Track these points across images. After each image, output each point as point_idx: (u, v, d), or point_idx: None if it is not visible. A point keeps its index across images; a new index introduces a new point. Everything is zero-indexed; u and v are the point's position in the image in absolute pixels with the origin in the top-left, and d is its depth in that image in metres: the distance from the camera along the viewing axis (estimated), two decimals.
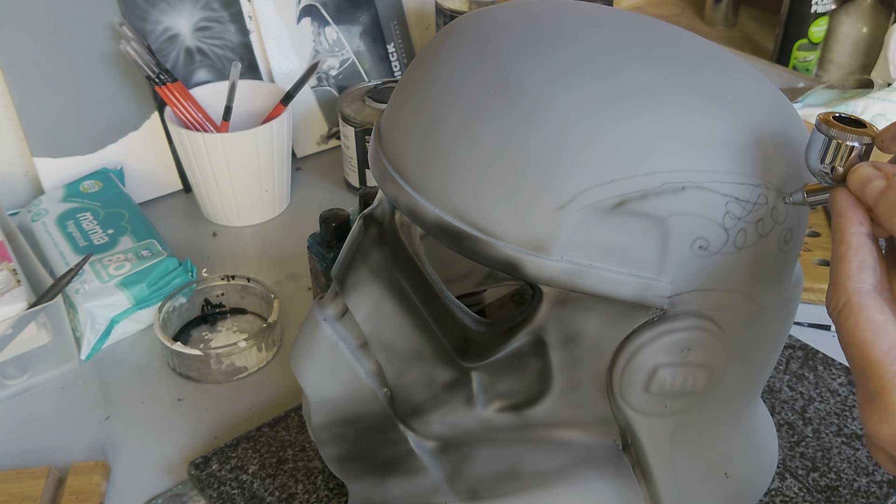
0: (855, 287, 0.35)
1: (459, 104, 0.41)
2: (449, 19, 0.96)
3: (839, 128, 0.36)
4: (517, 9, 0.45)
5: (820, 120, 0.37)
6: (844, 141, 0.36)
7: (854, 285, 0.35)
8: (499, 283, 0.66)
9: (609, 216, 0.39)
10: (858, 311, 0.34)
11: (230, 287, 0.74)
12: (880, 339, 0.34)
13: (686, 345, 0.42)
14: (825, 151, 0.37)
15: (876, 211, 0.36)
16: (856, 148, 0.36)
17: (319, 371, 0.50)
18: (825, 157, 0.37)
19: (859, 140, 0.36)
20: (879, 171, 0.36)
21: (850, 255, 0.35)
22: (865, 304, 0.34)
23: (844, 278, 0.35)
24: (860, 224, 0.36)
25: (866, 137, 0.36)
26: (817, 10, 1.07)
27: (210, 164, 0.81)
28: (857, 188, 0.36)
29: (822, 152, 0.37)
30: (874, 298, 0.35)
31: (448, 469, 0.49)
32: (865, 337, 0.34)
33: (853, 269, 0.35)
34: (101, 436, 0.64)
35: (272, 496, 0.57)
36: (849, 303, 0.35)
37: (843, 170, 0.37)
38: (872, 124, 0.37)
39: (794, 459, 0.59)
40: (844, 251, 0.36)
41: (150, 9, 0.86)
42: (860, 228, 0.36)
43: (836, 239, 0.36)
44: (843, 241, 0.36)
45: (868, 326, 0.34)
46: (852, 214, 0.36)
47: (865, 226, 0.36)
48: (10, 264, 0.69)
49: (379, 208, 0.49)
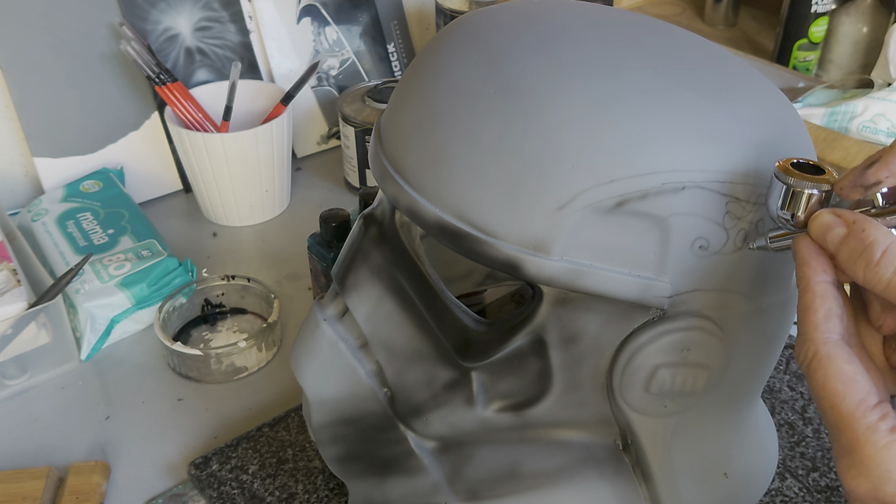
0: (823, 338, 0.35)
1: (459, 104, 0.41)
2: (449, 19, 0.96)
3: (797, 176, 0.36)
4: (517, 9, 0.45)
5: (778, 168, 0.37)
6: (803, 189, 0.36)
7: (822, 336, 0.35)
8: (499, 283, 0.66)
9: (609, 216, 0.39)
10: (828, 362, 0.34)
11: (230, 287, 0.74)
12: (851, 390, 0.33)
13: (686, 345, 0.42)
14: (785, 199, 0.37)
15: (838, 258, 0.36)
16: (815, 195, 0.36)
17: (319, 371, 0.50)
18: (785, 205, 0.37)
19: (818, 187, 0.36)
20: (839, 217, 0.36)
21: (815, 305, 0.35)
22: (834, 355, 0.34)
23: (812, 329, 0.35)
24: (824, 272, 0.36)
25: (825, 185, 0.36)
26: (817, 9, 1.07)
27: (210, 164, 0.81)
28: (819, 236, 0.36)
29: (783, 200, 0.37)
30: (843, 349, 0.34)
31: (448, 469, 0.49)
32: (836, 389, 0.33)
33: (820, 318, 0.35)
34: (101, 436, 0.64)
35: (272, 496, 0.57)
36: (818, 354, 0.34)
37: (803, 217, 0.37)
38: (832, 170, 0.37)
39: (794, 459, 0.59)
40: (810, 301, 0.35)
41: (150, 9, 0.86)
42: (824, 277, 0.36)
43: (801, 288, 0.36)
44: (808, 289, 0.36)
45: (838, 378, 0.34)
46: (815, 263, 0.36)
47: (829, 273, 0.36)
48: (10, 264, 0.69)
49: (379, 208, 0.49)
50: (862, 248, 0.34)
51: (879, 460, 0.32)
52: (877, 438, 0.32)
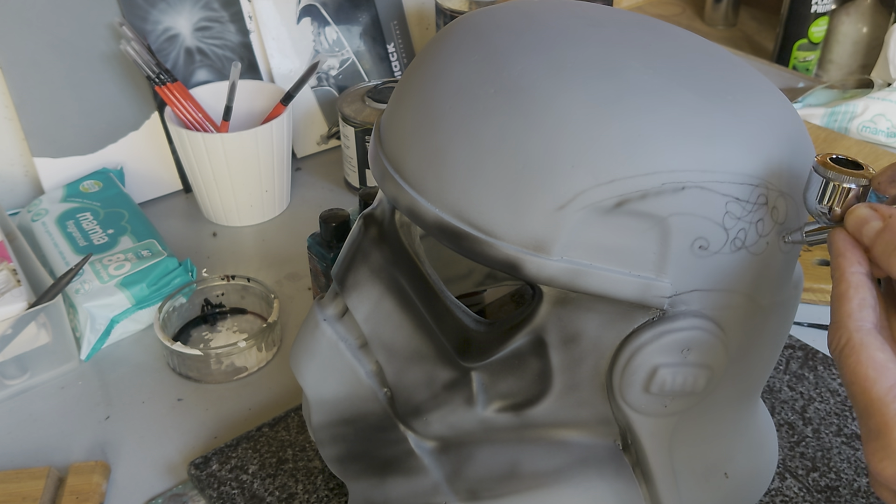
0: (856, 325, 0.35)
1: (459, 104, 0.41)
2: (449, 19, 0.96)
3: (836, 170, 0.37)
4: (517, 9, 0.45)
5: (818, 162, 0.38)
6: (841, 183, 0.37)
7: (855, 323, 0.35)
8: (499, 283, 0.66)
9: (609, 216, 0.39)
10: (860, 349, 0.34)
11: (230, 287, 0.74)
12: (882, 377, 0.34)
13: (686, 345, 0.42)
14: (823, 193, 0.37)
15: (873, 251, 0.36)
16: (853, 189, 0.37)
17: (319, 371, 0.50)
18: (823, 198, 0.38)
19: (856, 182, 0.37)
20: (876, 212, 0.36)
21: (849, 294, 0.36)
22: (867, 343, 0.35)
23: (846, 316, 0.36)
24: (858, 264, 0.36)
25: (863, 179, 0.37)
26: (817, 10, 1.07)
27: (210, 164, 0.81)
28: (855, 229, 0.37)
29: (820, 193, 0.38)
30: (875, 337, 0.35)
31: (448, 469, 0.49)
32: (867, 375, 0.34)
33: (854, 307, 0.36)
34: (101, 436, 0.64)
35: (272, 496, 0.57)
36: (850, 341, 0.35)
37: (840, 211, 0.37)
38: (869, 166, 0.38)
39: (794, 459, 0.59)
40: (844, 290, 0.36)
41: (150, 9, 0.86)
42: (858, 268, 0.36)
43: (835, 278, 0.37)
44: (843, 279, 0.36)
45: (870, 364, 0.34)
46: (850, 254, 0.37)
47: (864, 265, 0.36)
48: (10, 264, 0.69)
49: (379, 208, 0.49)
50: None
51: None
52: None
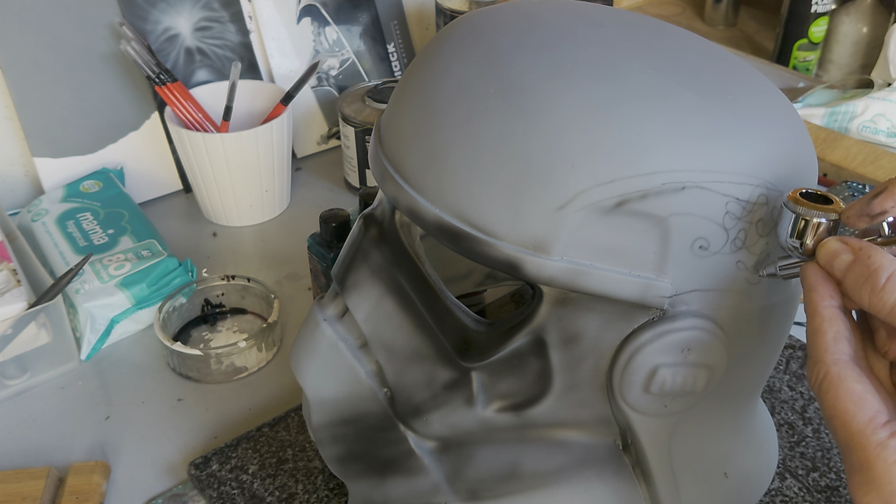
0: (833, 359, 0.35)
1: (459, 104, 0.41)
2: (449, 19, 0.96)
3: (806, 205, 0.38)
4: (517, 9, 0.45)
5: (788, 198, 0.38)
6: (811, 217, 0.38)
7: (832, 357, 0.36)
8: (499, 283, 0.66)
9: (609, 216, 0.39)
10: (838, 382, 0.35)
11: (230, 287, 0.74)
12: (861, 409, 0.34)
13: (686, 345, 0.42)
14: (794, 227, 0.38)
15: (845, 284, 0.37)
16: (823, 224, 0.38)
17: (319, 371, 0.50)
18: (794, 233, 0.38)
19: (826, 216, 0.38)
20: (846, 245, 0.37)
21: (824, 328, 0.36)
22: (844, 375, 0.35)
23: (822, 351, 0.36)
24: (830, 297, 0.37)
25: (833, 213, 0.38)
26: (817, 10, 1.07)
27: (210, 164, 0.81)
28: (826, 262, 0.37)
29: (791, 228, 0.38)
30: (852, 369, 0.35)
31: (448, 469, 0.49)
32: (846, 408, 0.34)
33: (829, 340, 0.36)
34: (101, 436, 0.64)
35: (272, 496, 0.57)
36: (828, 375, 0.35)
37: (811, 245, 0.38)
38: (839, 200, 0.39)
39: (794, 459, 0.59)
40: (818, 324, 0.36)
41: (150, 9, 0.86)
42: (831, 301, 0.37)
43: (808, 312, 0.37)
44: (817, 314, 0.37)
45: (848, 398, 0.34)
46: (822, 288, 0.37)
47: (836, 298, 0.37)
48: (10, 264, 0.69)
49: (379, 208, 0.49)
50: (867, 273, 0.35)
51: (890, 477, 0.33)
52: (887, 455, 0.33)
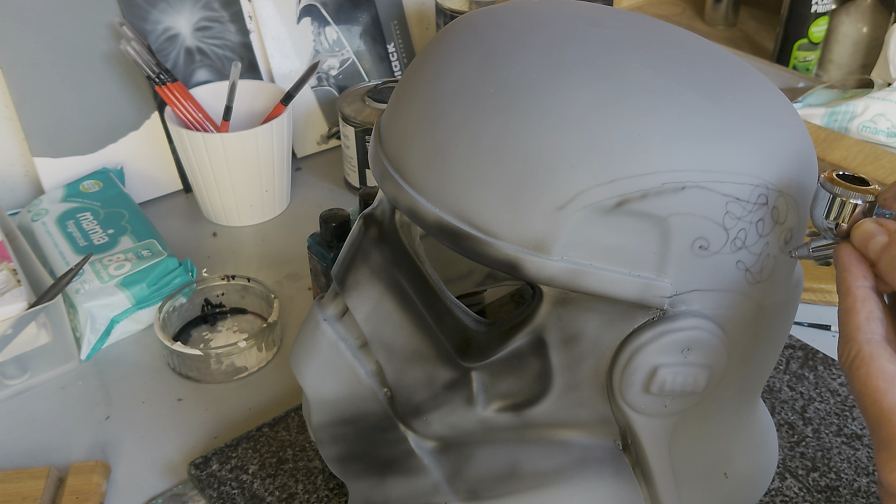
0: (866, 338, 0.36)
1: (459, 104, 0.41)
2: (449, 19, 0.96)
3: (843, 186, 0.38)
4: (517, 9, 0.45)
5: (825, 178, 0.38)
6: (848, 199, 0.38)
7: (865, 336, 0.36)
8: (499, 283, 0.66)
9: (609, 216, 0.39)
10: (870, 360, 0.35)
11: (230, 287, 0.74)
12: (893, 387, 0.34)
13: (686, 345, 0.42)
14: (829, 208, 0.38)
15: (879, 266, 0.37)
16: (859, 205, 0.38)
17: (319, 371, 0.50)
18: (830, 214, 0.38)
19: (862, 198, 0.38)
20: (882, 227, 0.37)
21: (857, 307, 0.36)
22: (877, 354, 0.35)
23: (854, 329, 0.36)
24: (864, 278, 0.37)
25: (869, 195, 0.38)
26: (817, 9, 1.07)
27: (210, 164, 0.81)
28: (861, 243, 0.37)
29: (827, 209, 0.38)
30: (885, 349, 0.35)
31: (448, 469, 0.49)
32: (878, 386, 0.34)
33: (862, 320, 0.36)
34: (101, 436, 0.64)
35: (272, 496, 0.57)
36: (860, 353, 0.35)
37: (846, 226, 0.38)
38: (875, 182, 0.39)
39: (794, 459, 0.59)
40: (851, 303, 0.37)
41: (150, 9, 0.86)
42: (864, 282, 0.37)
43: (841, 292, 0.37)
44: (849, 293, 0.37)
45: (880, 376, 0.35)
46: (856, 269, 0.37)
47: (869, 280, 0.37)
48: (10, 264, 0.69)
49: (379, 208, 0.49)
50: None
51: None
52: None
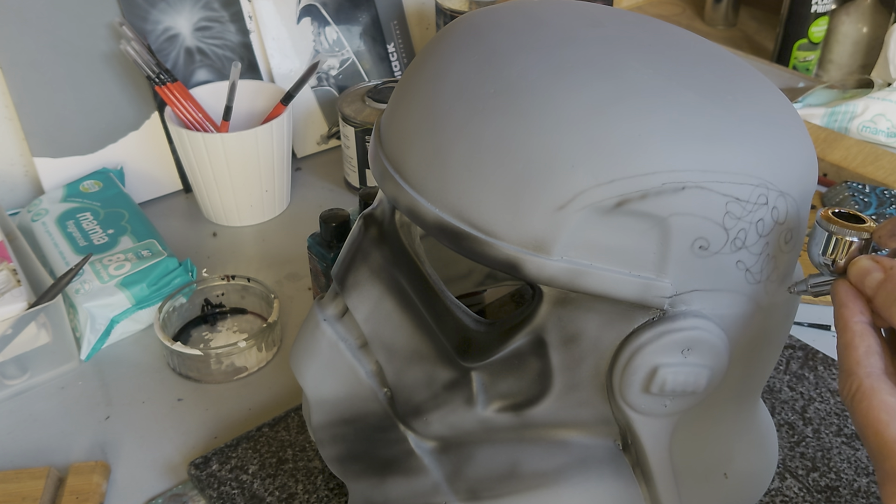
0: (866, 371, 0.36)
1: (459, 104, 0.41)
2: (449, 19, 0.96)
3: (839, 224, 0.39)
4: (517, 9, 0.45)
5: (821, 216, 0.39)
6: (844, 236, 0.39)
7: (865, 370, 0.36)
8: (499, 283, 0.66)
9: (609, 216, 0.39)
10: (871, 394, 0.36)
11: (230, 287, 0.74)
12: (894, 419, 0.35)
13: (686, 345, 0.42)
14: (826, 246, 0.39)
15: (875, 302, 0.37)
16: (855, 242, 0.39)
17: (319, 371, 0.50)
18: (826, 251, 0.39)
19: (858, 235, 0.39)
20: (878, 263, 0.38)
21: (856, 342, 0.37)
22: (878, 388, 0.36)
23: (854, 364, 0.37)
24: (861, 313, 0.38)
25: (865, 233, 0.39)
26: (817, 10, 1.07)
27: (210, 164, 0.81)
28: (857, 280, 0.38)
29: (823, 246, 0.39)
30: (885, 382, 0.36)
31: (448, 469, 0.49)
32: (880, 418, 0.35)
33: (861, 354, 0.37)
34: (101, 436, 0.64)
35: (272, 496, 0.57)
36: (861, 387, 0.36)
37: (843, 263, 0.39)
38: (871, 219, 0.39)
39: (794, 459, 0.59)
40: (850, 339, 0.37)
41: (150, 9, 0.86)
42: (861, 318, 0.38)
43: (839, 328, 0.38)
44: (847, 329, 0.38)
45: (882, 408, 0.35)
46: (853, 304, 0.38)
47: (866, 315, 0.38)
48: (10, 264, 0.69)
49: (379, 208, 0.49)
50: None
51: None
52: None
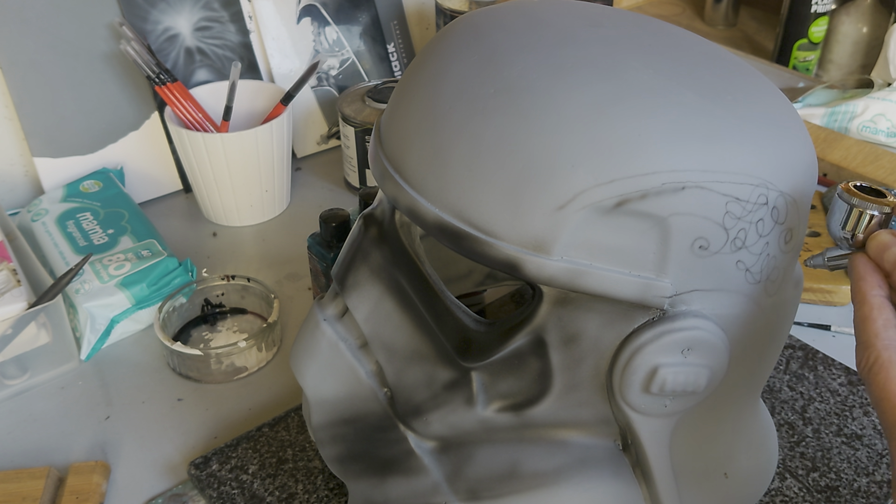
0: (884, 344, 0.36)
1: (459, 104, 0.41)
2: (449, 19, 0.96)
3: (860, 197, 0.38)
4: (517, 9, 0.45)
5: (842, 189, 0.39)
6: (865, 209, 0.38)
7: (883, 342, 0.36)
8: (499, 283, 0.66)
9: (609, 216, 0.39)
10: (889, 366, 0.35)
11: (230, 287, 0.74)
12: None
13: (686, 345, 0.42)
14: (846, 219, 0.39)
15: (893, 277, 0.37)
16: (875, 216, 0.38)
17: (319, 371, 0.50)
18: (846, 224, 0.39)
19: (879, 209, 0.38)
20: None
21: (874, 315, 0.37)
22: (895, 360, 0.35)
23: (872, 336, 0.36)
24: (879, 287, 0.37)
25: (886, 207, 0.38)
26: (817, 10, 1.07)
27: (210, 164, 0.81)
28: (876, 254, 0.38)
29: (844, 219, 0.39)
30: None
31: (448, 469, 0.49)
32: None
33: (879, 327, 0.36)
34: (101, 436, 0.64)
35: (272, 496, 0.57)
36: (879, 359, 0.36)
37: (862, 236, 0.39)
38: (892, 193, 0.39)
39: (794, 459, 0.59)
40: (868, 312, 0.37)
41: (150, 9, 0.86)
42: (879, 291, 0.37)
43: (857, 301, 0.38)
44: (865, 302, 0.37)
45: None
46: (871, 278, 0.38)
47: (884, 289, 0.37)
48: (10, 264, 0.69)
49: (379, 208, 0.49)
50: None
51: None
52: None
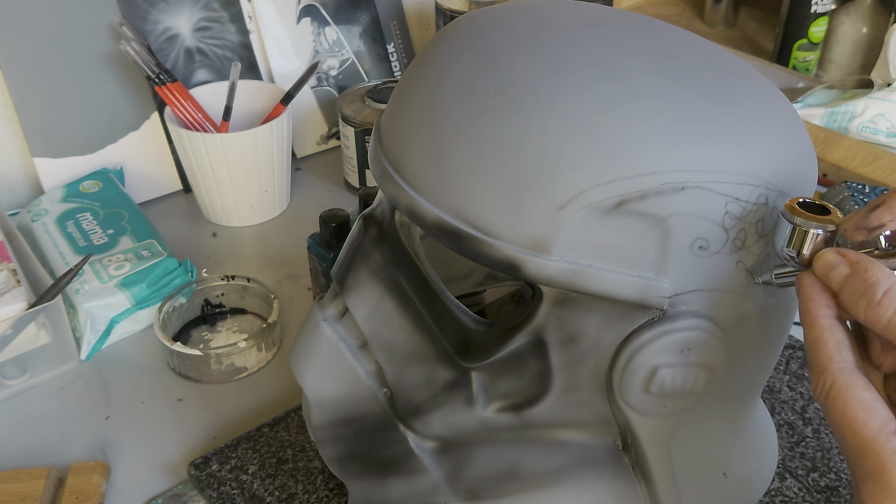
0: (839, 367, 0.35)
1: (459, 104, 0.41)
2: (449, 19, 0.96)
3: (803, 216, 0.38)
4: (517, 9, 0.45)
5: (785, 208, 0.38)
6: (809, 228, 0.37)
7: (837, 365, 0.35)
8: (499, 283, 0.66)
9: (609, 216, 0.39)
10: (846, 390, 0.34)
11: (230, 287, 0.74)
12: (872, 416, 0.34)
13: (686, 345, 0.42)
14: (790, 237, 0.38)
15: (841, 296, 0.36)
16: (820, 235, 0.37)
17: (319, 371, 0.50)
18: (791, 243, 0.38)
19: (823, 228, 0.37)
20: (843, 257, 0.36)
21: (825, 337, 0.36)
22: (852, 384, 0.35)
23: (826, 359, 0.36)
24: (827, 307, 0.37)
25: (830, 225, 0.37)
26: (817, 10, 1.07)
27: (210, 164, 0.81)
28: (823, 274, 0.37)
29: (788, 238, 0.38)
30: (859, 377, 0.35)
31: (448, 469, 0.49)
32: (857, 416, 0.34)
33: (832, 349, 0.36)
34: (101, 436, 0.64)
35: (272, 496, 0.57)
36: (835, 383, 0.35)
37: (808, 255, 0.38)
38: (837, 210, 0.38)
39: (794, 459, 0.59)
40: (818, 334, 0.36)
41: (150, 9, 0.86)
42: (828, 311, 0.37)
43: (806, 323, 0.37)
44: (815, 324, 0.36)
45: (859, 405, 0.34)
46: (819, 298, 0.37)
47: (833, 309, 0.37)
48: (10, 264, 0.69)
49: (379, 208, 0.49)
50: (864, 287, 0.35)
51: None
52: None
